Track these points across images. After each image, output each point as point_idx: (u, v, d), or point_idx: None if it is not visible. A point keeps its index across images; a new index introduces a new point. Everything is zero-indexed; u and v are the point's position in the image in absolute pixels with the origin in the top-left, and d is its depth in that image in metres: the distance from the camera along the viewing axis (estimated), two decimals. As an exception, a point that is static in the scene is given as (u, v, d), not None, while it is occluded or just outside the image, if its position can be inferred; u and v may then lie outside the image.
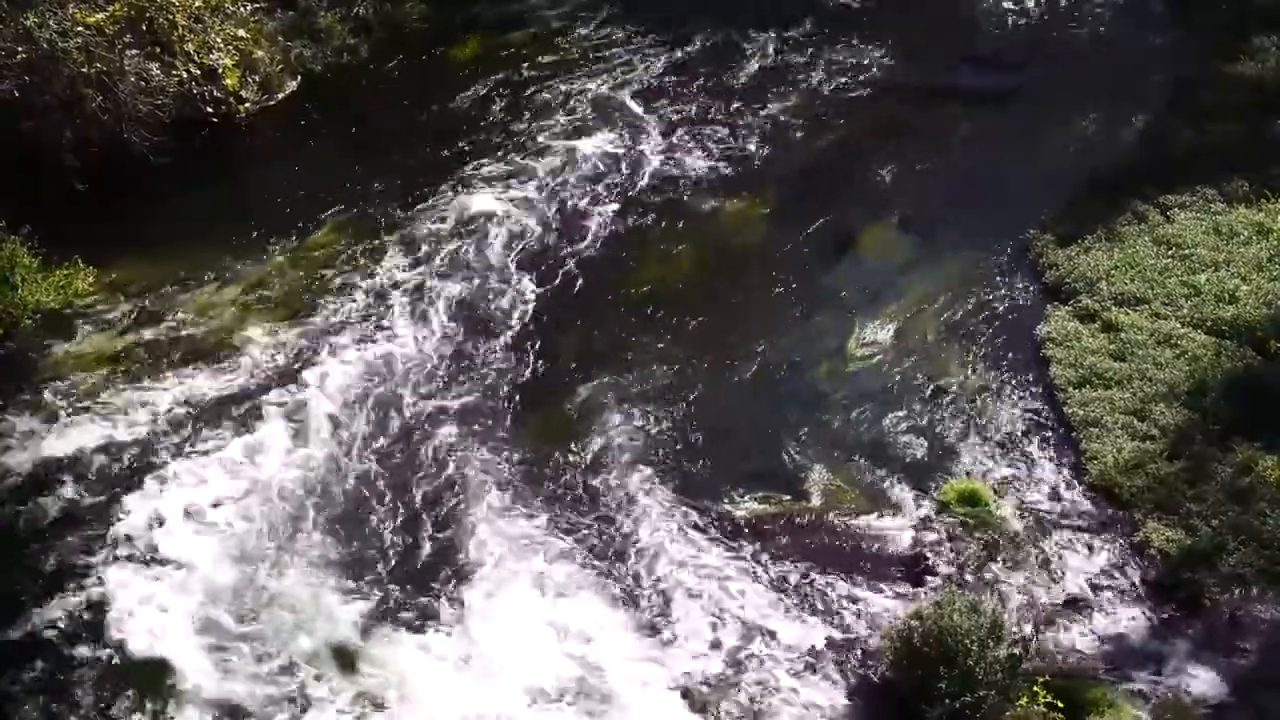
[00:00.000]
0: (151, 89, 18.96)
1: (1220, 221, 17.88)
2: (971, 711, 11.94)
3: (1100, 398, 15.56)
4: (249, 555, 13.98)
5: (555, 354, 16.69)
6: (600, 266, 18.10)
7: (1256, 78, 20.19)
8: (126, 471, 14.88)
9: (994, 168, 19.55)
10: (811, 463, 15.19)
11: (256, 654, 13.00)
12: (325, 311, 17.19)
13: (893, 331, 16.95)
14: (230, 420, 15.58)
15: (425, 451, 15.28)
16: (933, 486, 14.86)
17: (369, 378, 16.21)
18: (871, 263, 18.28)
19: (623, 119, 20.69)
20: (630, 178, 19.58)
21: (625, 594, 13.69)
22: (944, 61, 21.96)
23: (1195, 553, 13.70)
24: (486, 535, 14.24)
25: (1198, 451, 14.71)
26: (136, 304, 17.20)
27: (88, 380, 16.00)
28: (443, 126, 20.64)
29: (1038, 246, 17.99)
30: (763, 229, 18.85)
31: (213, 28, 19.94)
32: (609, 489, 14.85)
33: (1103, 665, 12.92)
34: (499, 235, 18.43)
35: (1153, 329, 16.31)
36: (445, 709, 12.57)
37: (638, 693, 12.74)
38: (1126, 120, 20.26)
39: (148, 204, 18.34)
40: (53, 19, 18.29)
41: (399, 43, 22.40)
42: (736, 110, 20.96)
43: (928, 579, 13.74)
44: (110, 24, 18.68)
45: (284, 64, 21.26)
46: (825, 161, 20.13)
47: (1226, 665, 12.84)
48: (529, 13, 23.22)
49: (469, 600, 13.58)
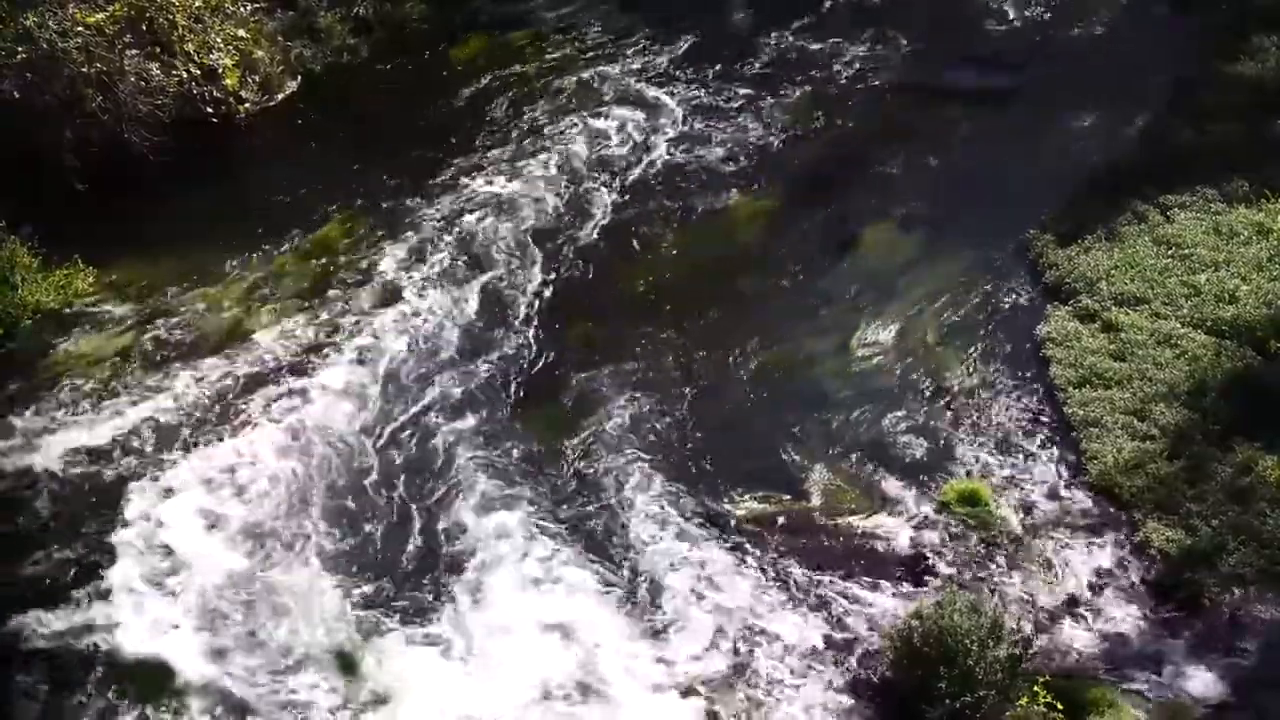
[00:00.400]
0: (151, 89, 18.96)
1: (1220, 221, 17.88)
2: (971, 711, 11.94)
3: (1100, 398, 15.56)
4: (249, 554, 13.98)
5: (556, 351, 16.69)
6: (601, 263, 18.11)
7: (1256, 78, 20.17)
8: (126, 471, 14.87)
9: (994, 167, 19.55)
10: (811, 462, 15.19)
11: (257, 653, 13.00)
12: (325, 311, 17.19)
13: (893, 331, 16.96)
14: (231, 419, 15.57)
15: (425, 449, 15.28)
16: (933, 486, 14.86)
17: (368, 377, 16.21)
18: (872, 261, 18.29)
19: (623, 117, 20.69)
20: (631, 175, 19.59)
21: (625, 593, 13.68)
22: (944, 61, 21.95)
23: (1195, 553, 13.69)
24: (485, 533, 14.24)
25: (1198, 451, 14.70)
26: (136, 304, 17.21)
27: (88, 380, 16.01)
28: (443, 126, 20.65)
29: (1038, 246, 17.99)
30: (763, 227, 18.86)
31: (212, 27, 19.94)
32: (609, 487, 14.85)
33: (1103, 665, 12.92)
34: (500, 233, 18.43)
35: (1153, 329, 16.31)
36: (445, 708, 12.57)
37: (637, 692, 12.73)
38: (1126, 120, 20.25)
39: (148, 204, 18.34)
40: (53, 19, 18.27)
41: (399, 42, 22.42)
42: (737, 110, 20.96)
43: (928, 579, 13.74)
44: (110, 24, 18.68)
45: (284, 64, 21.27)
46: (826, 160, 20.13)
47: (1226, 665, 12.83)
48: (529, 12, 23.22)
49: (468, 599, 13.57)
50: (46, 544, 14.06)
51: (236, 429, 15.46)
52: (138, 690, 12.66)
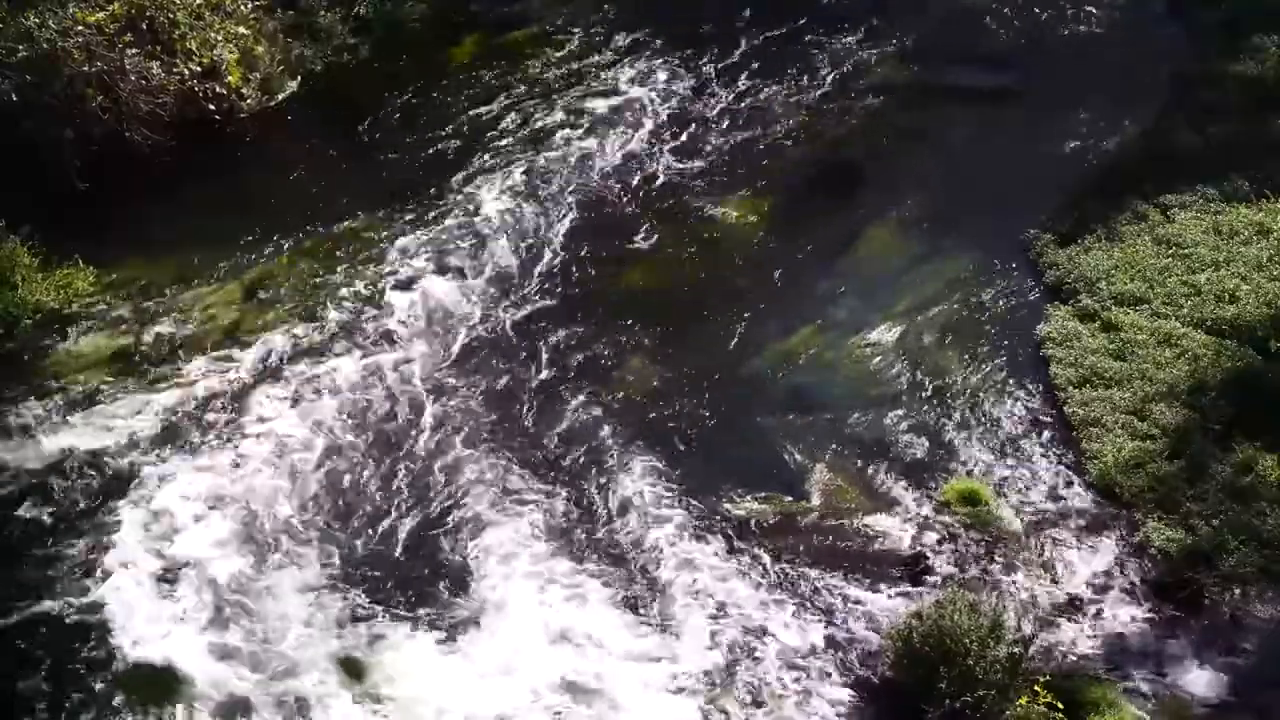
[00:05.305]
0: (152, 88, 18.95)
1: (1220, 221, 17.88)
2: (972, 711, 11.95)
3: (1100, 397, 15.57)
4: (251, 554, 13.99)
5: (555, 351, 16.69)
6: (600, 263, 18.10)
7: (1256, 76, 20.18)
8: (127, 471, 14.87)
9: (994, 167, 19.54)
10: (811, 463, 15.20)
11: (259, 654, 13.01)
12: (325, 311, 17.18)
13: (893, 331, 16.96)
14: (231, 419, 15.58)
15: (424, 451, 15.29)
16: (933, 486, 14.88)
17: (369, 377, 16.22)
18: (872, 262, 18.28)
19: (622, 116, 20.68)
20: (631, 175, 19.58)
21: (625, 594, 13.69)
22: (944, 61, 21.94)
23: (1195, 552, 13.70)
24: (486, 534, 14.25)
25: (1198, 451, 14.70)
26: (137, 304, 17.21)
27: (88, 380, 16.01)
28: (443, 126, 20.63)
29: (1038, 246, 17.99)
30: (764, 227, 18.84)
31: (213, 25, 19.94)
32: (608, 489, 14.85)
33: (1103, 665, 12.93)
34: (499, 233, 18.43)
35: (1153, 328, 16.31)
36: (445, 709, 12.58)
37: (637, 692, 12.75)
38: (1126, 120, 20.25)
39: (148, 203, 18.34)
40: (53, 18, 18.28)
41: (399, 42, 22.40)
42: (736, 109, 20.95)
43: (928, 579, 13.75)
44: (110, 22, 18.69)
45: (284, 63, 21.25)
46: (826, 160, 20.13)
47: (1226, 665, 12.85)
48: (530, 13, 23.22)
49: (468, 600, 13.59)
50: (46, 544, 14.06)
51: (237, 429, 15.47)
52: (138, 690, 12.67)
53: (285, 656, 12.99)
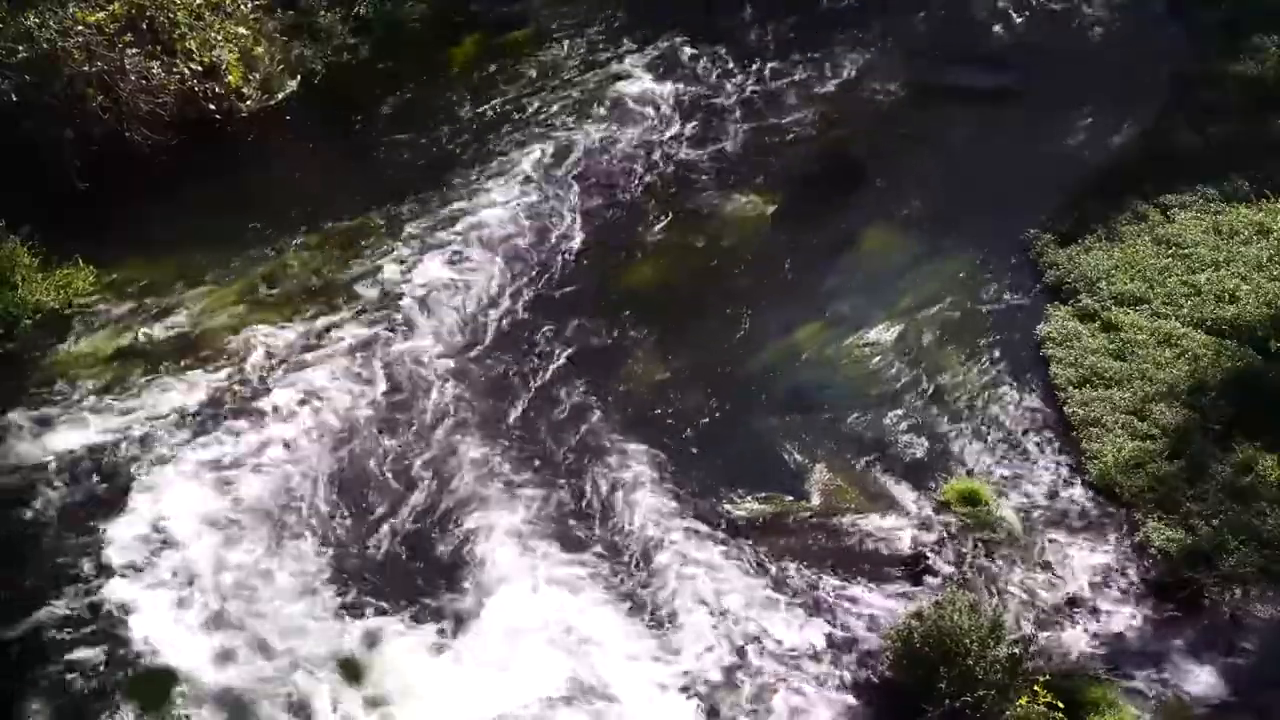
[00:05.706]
0: (152, 87, 18.93)
1: (1220, 221, 17.87)
2: (971, 711, 11.95)
3: (1100, 397, 15.57)
4: (252, 553, 13.99)
5: (554, 350, 16.69)
6: (599, 262, 18.11)
7: (1256, 76, 20.18)
8: (128, 471, 14.87)
9: (994, 167, 19.52)
10: (811, 463, 15.21)
11: (260, 654, 13.02)
12: (325, 311, 17.18)
13: (893, 330, 16.95)
14: (232, 418, 15.58)
15: (426, 449, 15.30)
16: (933, 486, 14.88)
17: (371, 376, 16.22)
18: (872, 261, 18.27)
19: (622, 116, 20.68)
20: (630, 174, 19.58)
21: (625, 594, 13.70)
22: (944, 61, 21.93)
23: (1195, 552, 13.69)
24: (486, 534, 14.25)
25: (1198, 451, 14.70)
26: (137, 303, 17.21)
27: (88, 380, 16.01)
28: (443, 125, 20.63)
29: (1038, 246, 17.98)
30: (764, 227, 18.84)
31: (213, 25, 19.93)
32: (608, 489, 14.86)
33: (1103, 665, 12.93)
34: (499, 233, 18.42)
35: (1153, 328, 16.31)
36: (445, 709, 12.59)
37: (638, 692, 12.76)
38: (1126, 120, 20.23)
39: (148, 203, 18.34)
40: (53, 18, 18.28)
41: (399, 42, 22.38)
42: (736, 109, 20.93)
43: (928, 579, 13.75)
44: (110, 22, 18.68)
45: (284, 63, 21.23)
46: (826, 160, 20.10)
47: (1226, 665, 12.85)
48: (530, 12, 23.21)
49: (470, 600, 13.59)
50: (47, 544, 14.07)
51: (237, 429, 15.47)
52: (139, 690, 12.68)
53: (285, 656, 12.99)
